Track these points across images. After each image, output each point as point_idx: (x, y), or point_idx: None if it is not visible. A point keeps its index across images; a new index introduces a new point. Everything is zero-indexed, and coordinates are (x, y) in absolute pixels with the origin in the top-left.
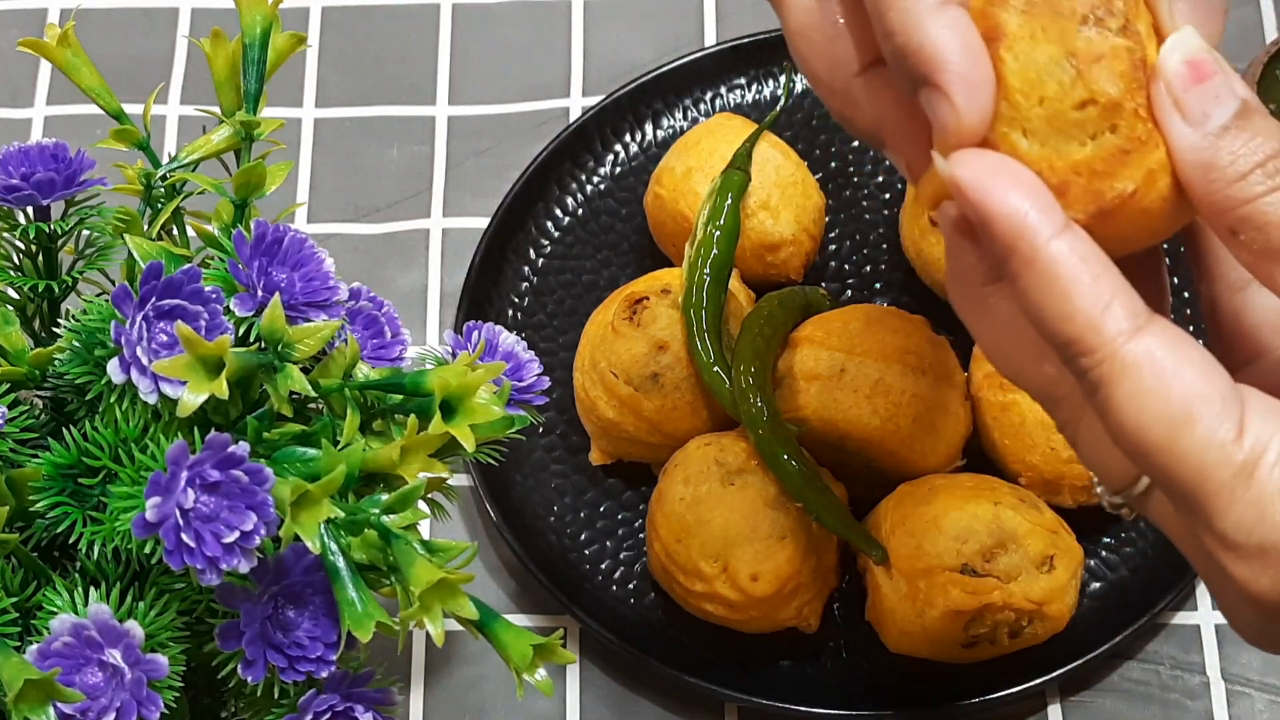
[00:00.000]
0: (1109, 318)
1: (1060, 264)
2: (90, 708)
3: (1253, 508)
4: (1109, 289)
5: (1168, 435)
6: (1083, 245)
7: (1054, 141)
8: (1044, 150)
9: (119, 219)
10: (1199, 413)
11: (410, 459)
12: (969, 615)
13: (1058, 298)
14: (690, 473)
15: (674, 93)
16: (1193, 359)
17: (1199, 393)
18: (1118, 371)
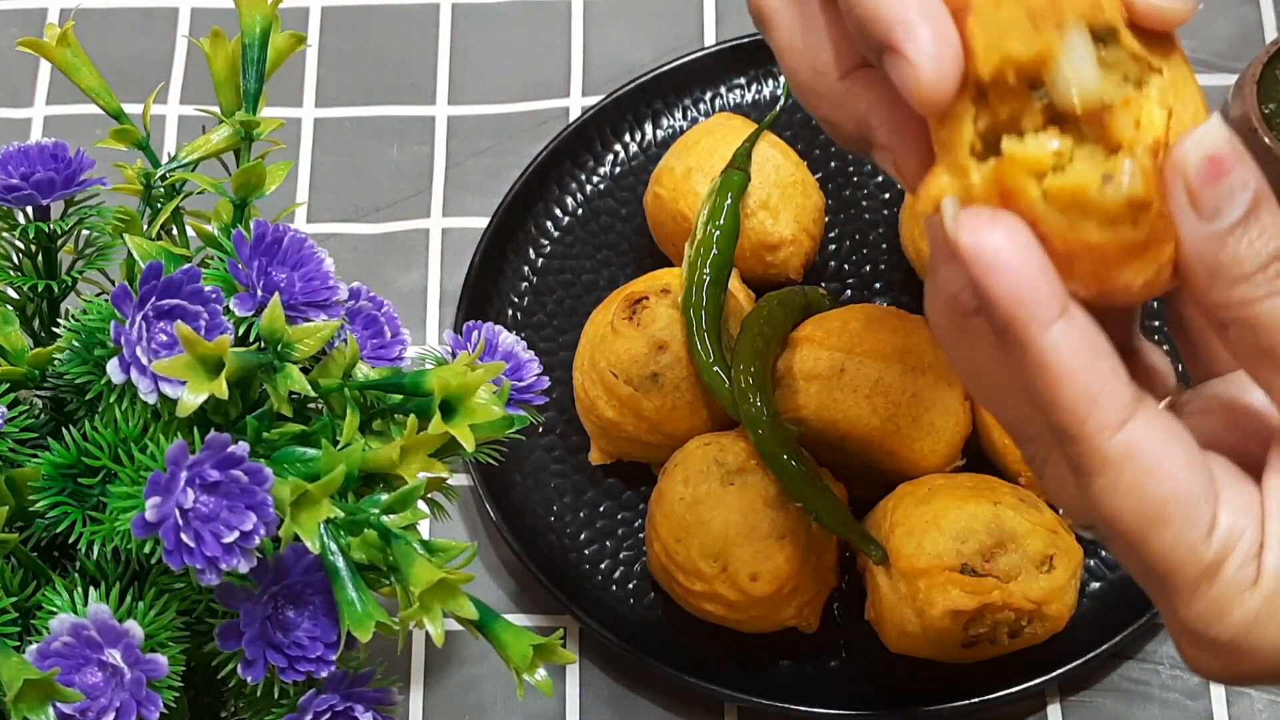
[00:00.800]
0: (1095, 411)
1: (1052, 354)
2: (90, 708)
3: (1213, 605)
4: (1099, 380)
5: (1140, 530)
6: (1077, 334)
7: (1071, 214)
8: (1060, 220)
9: (119, 219)
10: (1173, 513)
11: (410, 459)
12: (969, 615)
13: (1048, 385)
14: (690, 472)
15: (674, 92)
16: (1174, 454)
17: (1175, 493)
18: (1099, 464)
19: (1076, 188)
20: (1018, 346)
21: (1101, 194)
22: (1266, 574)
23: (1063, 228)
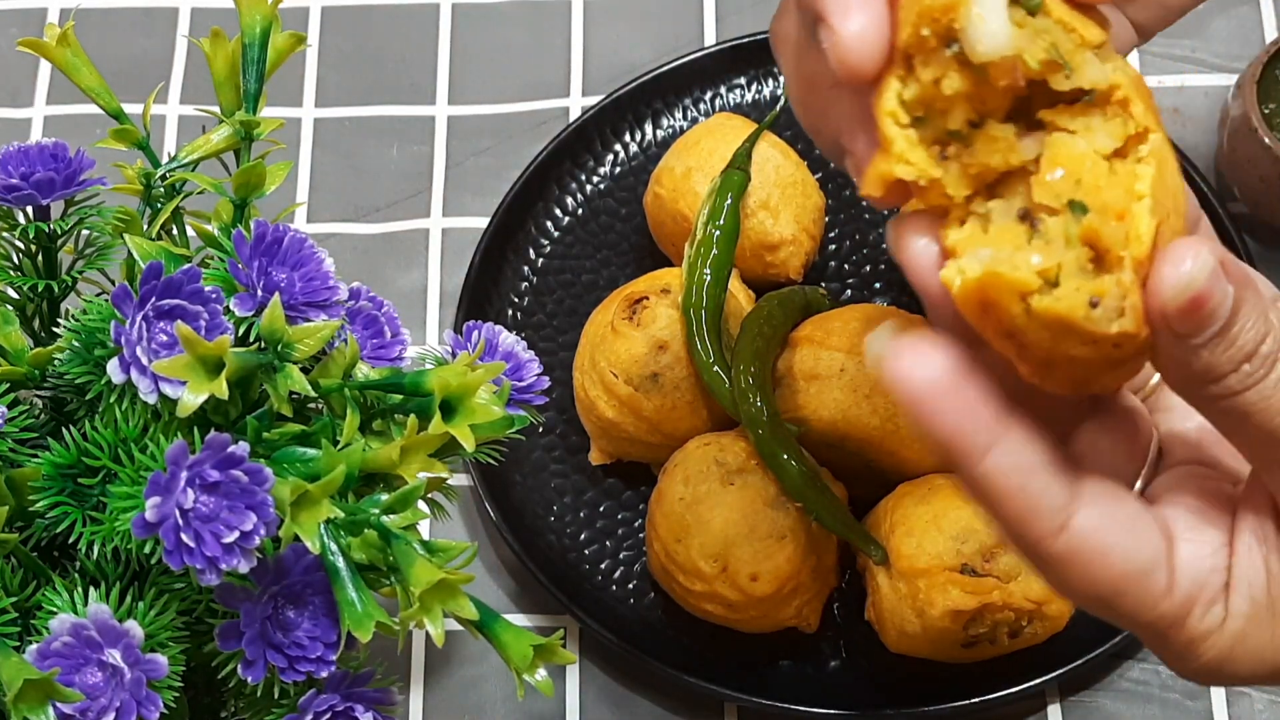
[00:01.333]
0: (1033, 523)
1: (987, 481)
2: (90, 708)
3: (1186, 649)
4: (1033, 496)
5: (1102, 603)
6: (1011, 458)
7: (1056, 333)
8: (1043, 335)
9: (119, 219)
10: (1127, 586)
11: (410, 459)
12: (969, 615)
13: (988, 505)
14: (690, 472)
15: (674, 92)
16: (1115, 536)
17: (1124, 570)
18: (1047, 564)
19: (1065, 314)
20: (962, 474)
21: (1089, 320)
22: (1233, 616)
23: (1045, 341)
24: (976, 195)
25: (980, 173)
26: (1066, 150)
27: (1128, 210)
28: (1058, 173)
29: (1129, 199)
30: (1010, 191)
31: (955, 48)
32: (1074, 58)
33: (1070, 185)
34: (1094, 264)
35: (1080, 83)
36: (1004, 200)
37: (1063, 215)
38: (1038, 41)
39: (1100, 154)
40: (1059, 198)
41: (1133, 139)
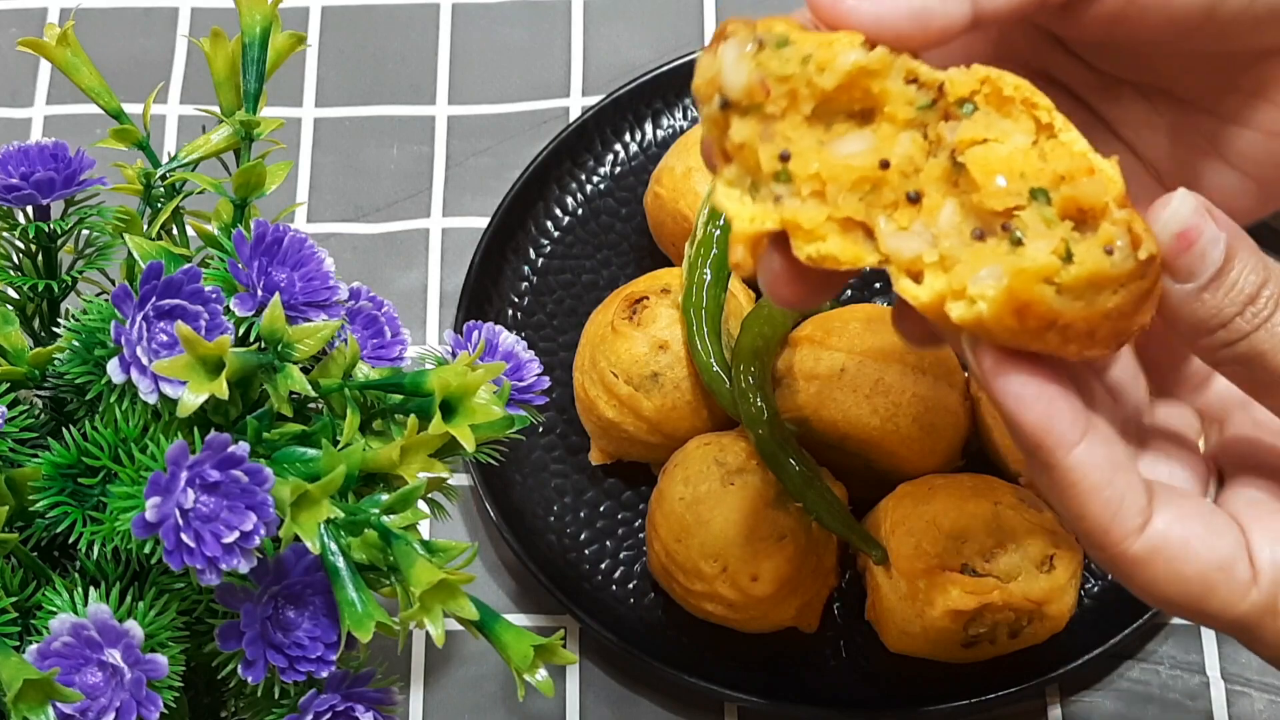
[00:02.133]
0: (1118, 521)
1: (1076, 474)
2: (89, 708)
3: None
4: (1119, 492)
5: (1192, 605)
6: (1098, 451)
7: (1089, 294)
8: (1078, 304)
9: (119, 218)
10: (1214, 582)
11: (410, 459)
12: (969, 615)
13: (1074, 501)
14: (690, 472)
15: (674, 92)
16: (1194, 533)
17: (1207, 566)
18: (1131, 566)
19: (1094, 270)
20: (1046, 470)
21: (1114, 265)
22: None
23: (1081, 309)
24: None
25: (872, 187)
26: (993, 158)
27: (1086, 166)
28: (999, 180)
29: (1078, 159)
30: (934, 226)
31: (718, 100)
32: (916, 70)
33: (1019, 182)
34: (1079, 230)
35: (940, 81)
36: (952, 235)
37: (1031, 206)
38: (779, 64)
39: (1025, 148)
40: (1018, 195)
41: (1042, 127)
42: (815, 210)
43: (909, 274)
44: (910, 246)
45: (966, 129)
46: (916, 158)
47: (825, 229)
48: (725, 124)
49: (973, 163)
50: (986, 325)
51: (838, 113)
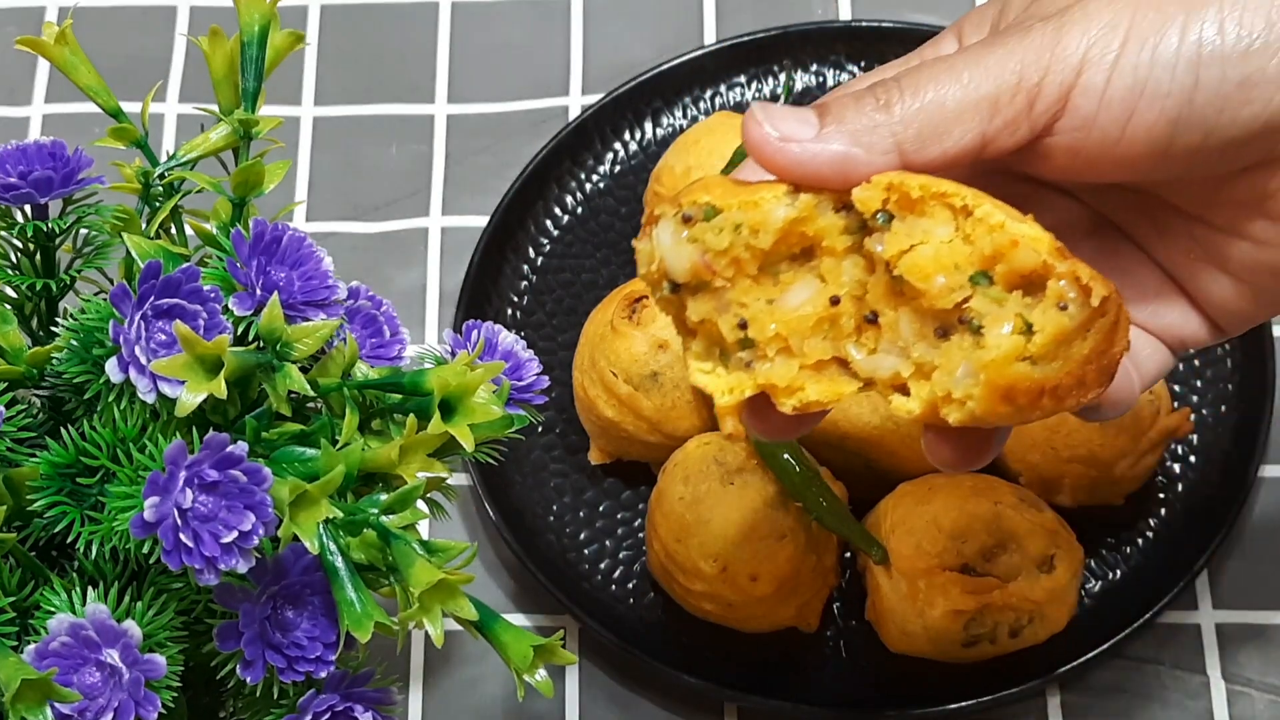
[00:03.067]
0: None
1: None
2: (88, 708)
3: None
4: None
5: None
6: None
7: (1061, 352)
8: (1055, 364)
9: (117, 217)
10: None
11: (409, 458)
12: (969, 615)
13: None
14: (690, 472)
15: (673, 91)
16: None
17: None
18: None
19: (1057, 332)
20: None
21: (1073, 317)
22: None
23: (1060, 368)
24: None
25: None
26: (923, 261)
27: (1012, 236)
28: (939, 280)
29: (1000, 231)
30: (899, 340)
31: (667, 285)
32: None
33: (957, 274)
34: (1031, 295)
35: (852, 201)
36: (918, 342)
37: (977, 292)
38: (715, 238)
39: (950, 239)
40: (961, 287)
41: (959, 211)
42: (786, 366)
43: (896, 390)
44: (885, 365)
45: (890, 241)
46: (864, 280)
47: (800, 379)
48: (681, 304)
49: (907, 272)
50: (982, 420)
51: (780, 259)
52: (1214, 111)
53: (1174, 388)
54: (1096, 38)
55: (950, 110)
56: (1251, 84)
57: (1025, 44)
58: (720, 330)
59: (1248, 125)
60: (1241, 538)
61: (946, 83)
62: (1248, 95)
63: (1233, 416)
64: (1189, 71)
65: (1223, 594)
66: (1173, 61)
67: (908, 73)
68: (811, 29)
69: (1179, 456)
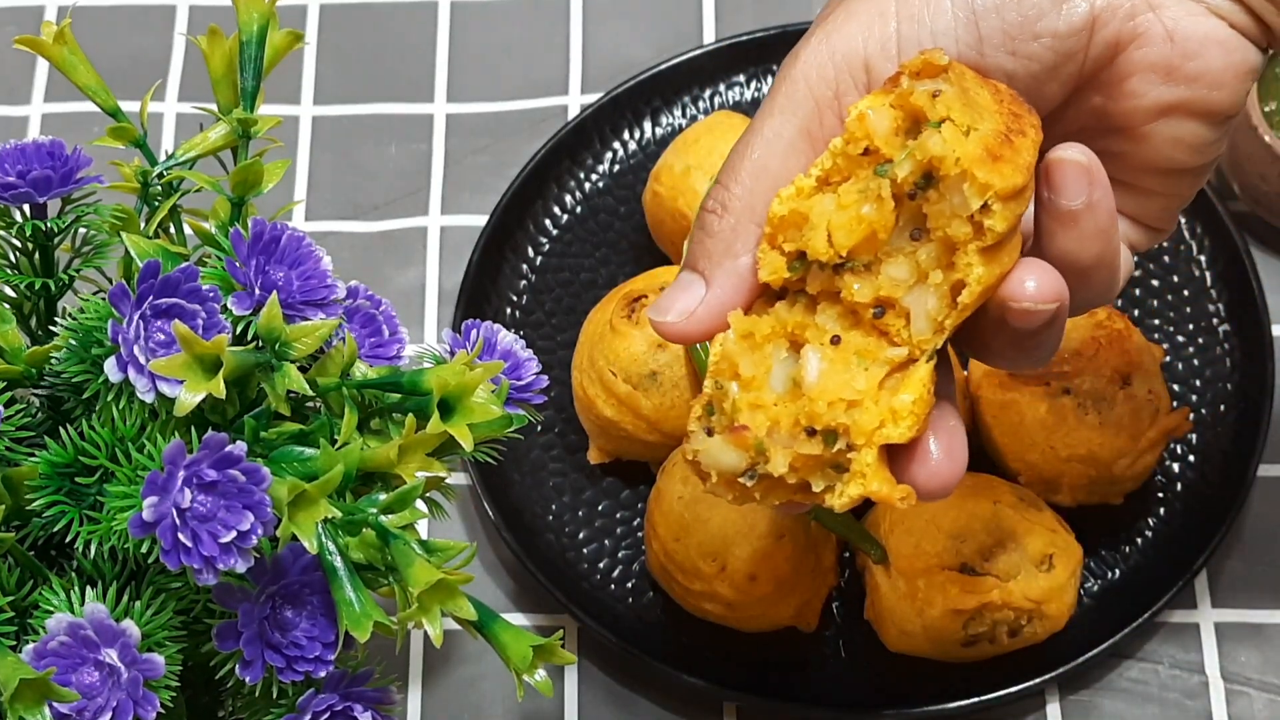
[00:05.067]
0: None
1: None
2: (86, 707)
3: None
4: None
5: None
6: None
7: (975, 109)
8: (986, 120)
9: (116, 217)
10: None
11: (408, 458)
12: (968, 614)
13: None
14: (689, 471)
15: (673, 90)
16: None
17: None
18: None
19: (955, 102)
20: None
21: (947, 86)
22: None
23: (989, 117)
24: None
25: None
26: (848, 220)
27: (855, 113)
28: (867, 209)
29: (847, 140)
30: (900, 282)
31: (748, 478)
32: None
33: (883, 206)
34: (913, 134)
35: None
36: (913, 259)
37: (892, 170)
38: (723, 417)
39: (846, 195)
40: (905, 179)
41: (821, 183)
42: (867, 414)
43: (955, 293)
44: (927, 308)
45: (812, 249)
46: (846, 315)
47: (885, 407)
48: (771, 475)
49: (843, 240)
50: (1009, 190)
51: (785, 365)
52: (1006, 56)
53: (1174, 387)
54: (868, 30)
55: (775, 168)
56: (1031, 20)
57: (801, 67)
58: (807, 454)
59: (1044, 59)
60: (1240, 537)
61: (755, 148)
62: (1033, 30)
63: (1232, 416)
64: (970, 28)
65: (1222, 593)
66: (950, 26)
67: (725, 165)
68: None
69: (1178, 456)
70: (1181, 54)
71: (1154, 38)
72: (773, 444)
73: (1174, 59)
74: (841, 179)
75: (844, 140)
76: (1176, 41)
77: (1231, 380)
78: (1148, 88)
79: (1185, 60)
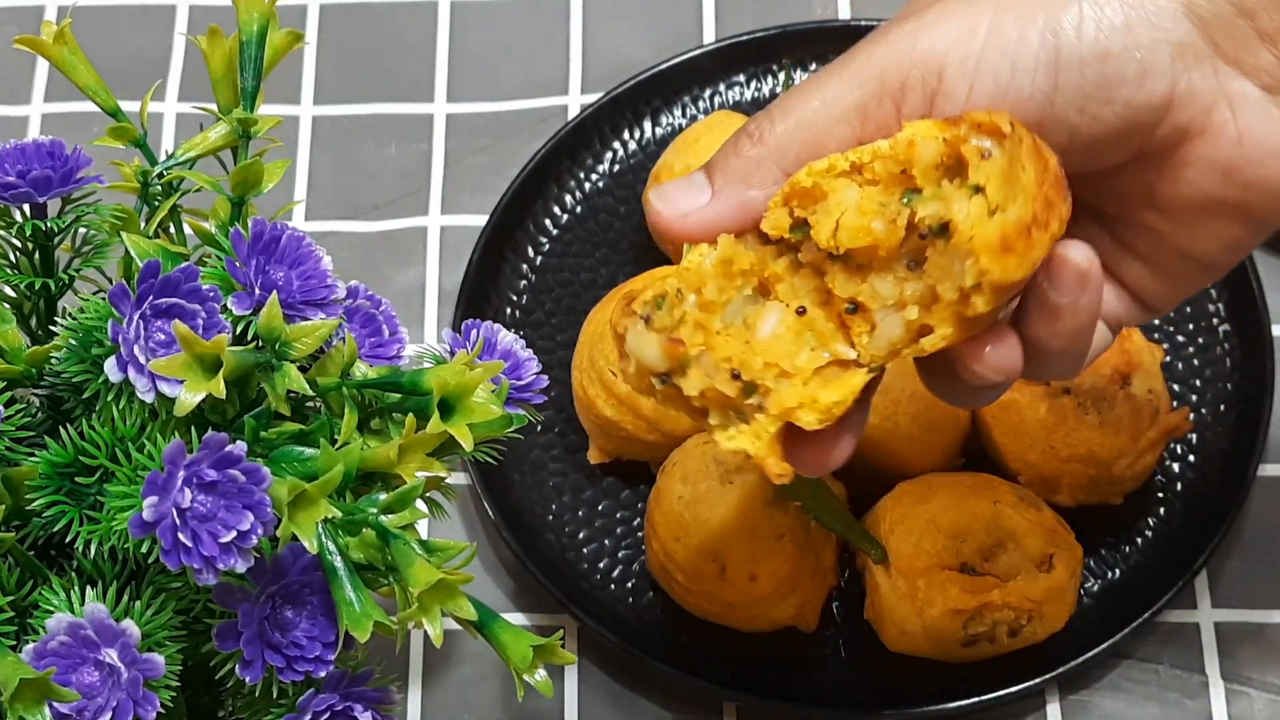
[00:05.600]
0: None
1: None
2: (86, 707)
3: None
4: None
5: None
6: None
7: (1015, 189)
8: (1017, 203)
9: (116, 217)
10: None
11: (408, 458)
12: (968, 614)
13: None
14: (689, 471)
15: (673, 90)
16: None
17: None
18: None
19: (1000, 175)
20: None
21: (1004, 153)
22: None
23: (1023, 200)
24: None
25: None
26: (854, 224)
27: (905, 141)
28: (877, 226)
29: (894, 150)
30: (886, 302)
31: (657, 381)
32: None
33: (886, 210)
34: (953, 177)
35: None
36: (902, 286)
37: (917, 206)
38: (669, 318)
39: (861, 194)
40: (900, 214)
41: (854, 169)
42: (790, 388)
43: (920, 338)
44: (891, 327)
45: (816, 233)
46: (821, 286)
47: (809, 392)
48: (678, 390)
49: (848, 242)
50: (1003, 284)
51: (742, 304)
52: (1075, 112)
53: (1173, 387)
54: (954, 39)
55: (821, 126)
56: (1110, 85)
57: (884, 47)
58: (721, 390)
59: (1111, 124)
60: (1241, 537)
61: (813, 99)
62: (1107, 95)
63: (1232, 416)
64: (1048, 76)
65: (1222, 593)
66: (1032, 66)
67: (779, 100)
68: (811, 28)
69: (1178, 456)
70: (1246, 159)
71: (1224, 136)
72: (697, 367)
73: (1238, 162)
74: (871, 179)
75: (890, 146)
76: (1245, 145)
77: (1231, 380)
78: (1204, 181)
79: (1247, 165)
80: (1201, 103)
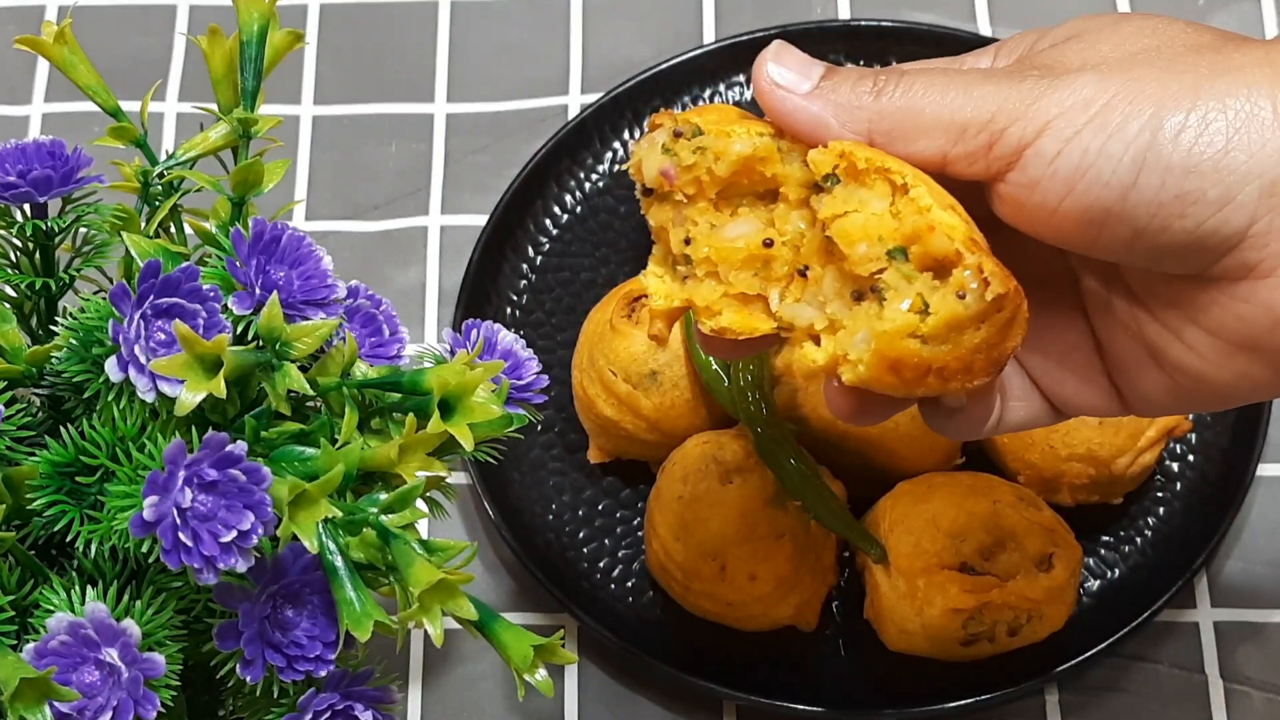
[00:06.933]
0: None
1: None
2: (86, 706)
3: None
4: None
5: None
6: None
7: (952, 336)
8: (945, 347)
9: (116, 216)
10: None
11: (409, 458)
12: (967, 613)
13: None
14: (688, 471)
15: (673, 90)
16: None
17: None
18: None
19: (949, 316)
20: None
21: (968, 306)
22: None
23: (949, 351)
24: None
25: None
26: (852, 227)
27: (931, 221)
28: (861, 247)
29: (924, 214)
30: (820, 295)
31: (639, 187)
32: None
33: (877, 245)
34: (939, 278)
35: (807, 163)
36: (835, 300)
37: (892, 265)
38: (685, 154)
39: (880, 213)
40: (877, 259)
41: (898, 188)
42: (709, 289)
43: (810, 339)
44: (804, 315)
45: (830, 203)
46: (804, 234)
47: (721, 304)
48: (647, 209)
49: (837, 234)
50: (869, 384)
51: (745, 194)
52: (1145, 214)
53: None
54: (1068, 107)
55: (924, 121)
56: (1187, 200)
57: (1013, 88)
58: (669, 240)
59: (1178, 238)
60: (1240, 537)
61: (934, 94)
62: (1182, 209)
63: (1232, 415)
64: (1131, 170)
65: (1221, 593)
66: (1120, 154)
67: (917, 71)
68: (811, 28)
69: (1178, 455)
70: None
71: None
72: (670, 205)
73: None
74: (895, 212)
75: (915, 215)
76: None
77: None
78: (1256, 322)
79: None
80: (1275, 246)
